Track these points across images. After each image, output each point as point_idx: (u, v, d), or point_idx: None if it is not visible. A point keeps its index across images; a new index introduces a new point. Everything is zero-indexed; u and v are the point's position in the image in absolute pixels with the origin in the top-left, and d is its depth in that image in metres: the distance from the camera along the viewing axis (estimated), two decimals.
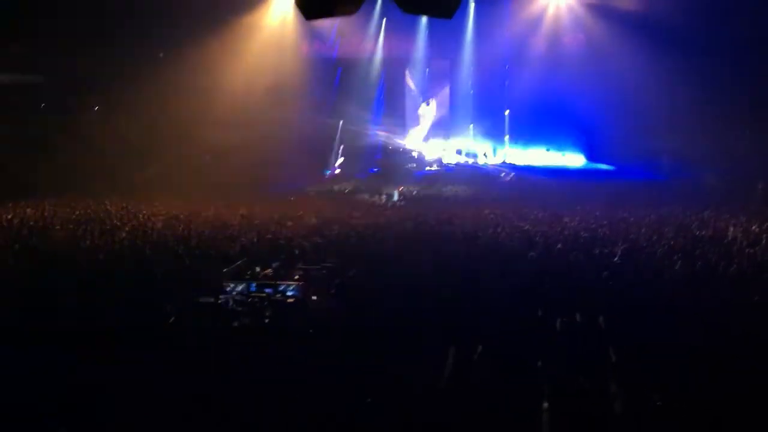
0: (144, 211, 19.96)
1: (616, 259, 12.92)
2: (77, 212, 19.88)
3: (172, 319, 9.19)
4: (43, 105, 29.09)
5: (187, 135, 28.54)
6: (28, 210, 20.12)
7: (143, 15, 27.35)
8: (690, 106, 24.10)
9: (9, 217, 18.44)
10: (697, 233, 15.75)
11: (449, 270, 11.88)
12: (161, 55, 29.42)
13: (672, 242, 14.45)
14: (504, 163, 33.48)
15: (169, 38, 28.49)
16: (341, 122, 34.64)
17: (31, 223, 17.51)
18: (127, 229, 16.46)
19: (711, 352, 7.61)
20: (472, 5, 32.25)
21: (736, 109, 24.13)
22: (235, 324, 9.42)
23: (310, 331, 8.98)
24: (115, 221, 17.92)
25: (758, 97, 24.03)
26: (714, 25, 24.72)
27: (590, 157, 32.86)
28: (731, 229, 16.16)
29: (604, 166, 31.64)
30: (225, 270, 11.44)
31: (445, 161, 34.45)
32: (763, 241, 14.76)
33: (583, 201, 21.61)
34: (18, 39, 26.71)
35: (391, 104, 35.81)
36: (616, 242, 14.44)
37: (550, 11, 31.87)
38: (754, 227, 16.51)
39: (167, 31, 28.38)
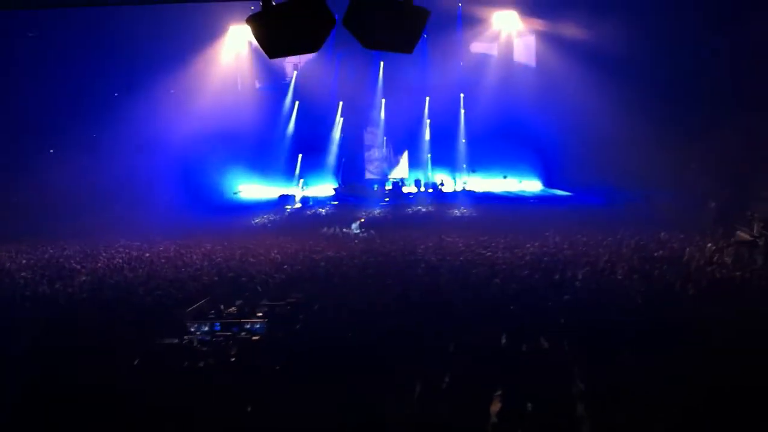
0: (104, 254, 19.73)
1: (576, 283, 13.12)
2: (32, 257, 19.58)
3: (137, 361, 9.06)
4: None
5: None
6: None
7: (100, 52, 27.46)
8: (642, 130, 24.63)
9: None
10: (655, 254, 16.07)
11: (413, 300, 11.93)
12: (116, 94, 29.50)
13: (630, 264, 14.73)
14: (463, 190, 33.75)
15: (124, 76, 28.60)
16: (300, 156, 34.80)
17: None
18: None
19: (673, 370, 7.75)
20: (425, 36, 32.71)
21: (687, 132, 24.73)
22: (201, 364, 9.31)
23: (277, 367, 8.91)
24: (74, 264, 17.67)
25: (708, 120, 24.73)
26: (664, 54, 25.47)
27: (547, 183, 33.38)
28: (687, 248, 16.52)
29: (560, 192, 32.15)
30: (188, 310, 11.34)
31: (404, 191, 34.61)
32: (717, 258, 15.17)
33: (542, 226, 21.85)
34: None
35: (349, 137, 36.00)
36: (577, 265, 14.66)
37: (502, 39, 32.52)
38: (709, 245, 16.92)
39: (122, 69, 28.51)
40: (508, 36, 32.46)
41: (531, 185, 33.72)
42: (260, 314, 11.31)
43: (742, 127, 24.70)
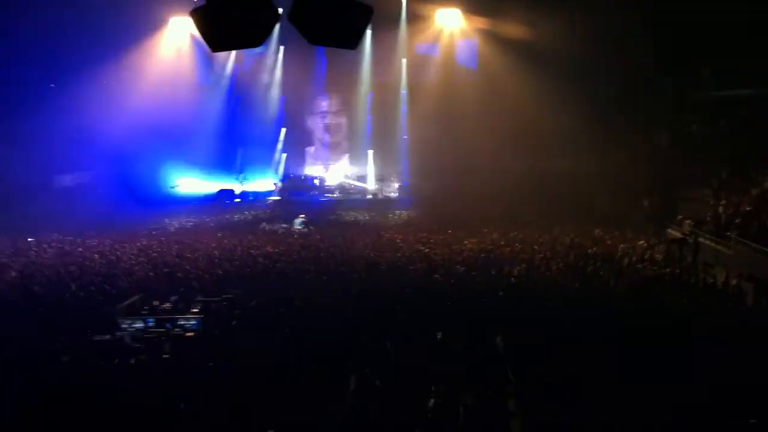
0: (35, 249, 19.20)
1: (512, 279, 13.31)
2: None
3: (66, 358, 8.85)
4: None
5: None
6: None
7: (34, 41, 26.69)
8: (578, 127, 25.05)
9: None
10: (589, 251, 16.41)
11: (352, 295, 11.94)
12: (52, 85, 28.76)
13: (566, 260, 15.02)
14: (403, 187, 33.81)
15: (65, 66, 27.89)
16: (240, 150, 34.43)
17: None
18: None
19: (607, 365, 7.94)
20: (368, 33, 32.63)
21: (621, 129, 25.26)
22: (132, 361, 9.14)
23: (210, 364, 8.81)
24: (2, 259, 17.13)
25: (642, 121, 25.35)
26: (601, 54, 25.98)
27: None
28: (621, 246, 16.92)
29: None
30: (120, 306, 11.10)
31: (347, 187, 34.54)
32: (648, 256, 15.58)
33: (482, 223, 22.08)
34: None
35: (291, 132, 35.74)
36: (513, 262, 14.86)
37: (445, 37, 32.70)
38: (641, 242, 17.36)
39: (61, 60, 27.79)
40: (451, 33, 32.63)
41: None
42: (195, 310, 11.16)
43: (675, 129, 25.46)
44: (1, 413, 7.01)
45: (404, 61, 33.73)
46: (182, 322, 10.46)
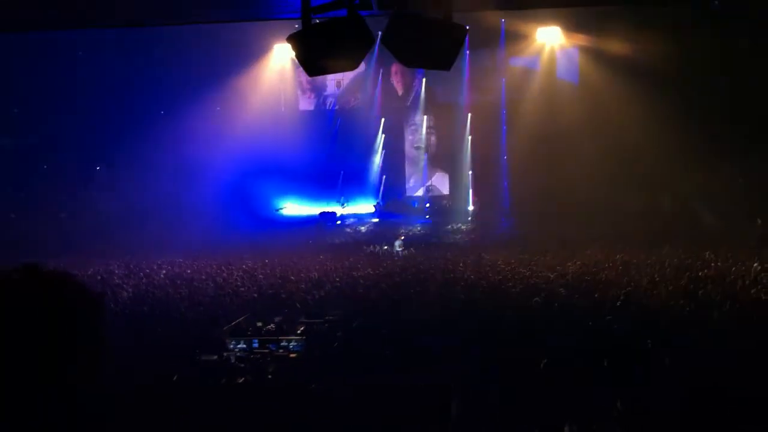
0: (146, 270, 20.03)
1: (618, 302, 12.89)
2: None
3: (175, 377, 9.13)
4: None
5: None
6: None
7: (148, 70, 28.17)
8: (686, 148, 24.28)
9: None
10: (700, 273, 15.74)
11: (453, 318, 11.85)
12: (162, 112, 30.15)
13: (675, 283, 14.45)
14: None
15: (171, 96, 29.24)
16: (341, 173, 34.96)
17: None
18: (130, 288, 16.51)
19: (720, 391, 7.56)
20: (466, 53, 32.65)
21: (733, 149, 24.32)
22: (239, 381, 9.36)
23: (313, 386, 8.90)
24: (116, 280, 17.97)
25: (754, 137, 24.30)
26: (708, 71, 25.16)
27: None
28: (733, 268, 16.15)
29: None
30: (226, 327, 11.42)
31: (446, 208, 34.47)
32: (764, 279, 14.78)
33: (584, 244, 21.58)
34: None
35: (390, 154, 36.04)
36: (620, 285, 14.42)
37: (545, 55, 32.30)
38: (755, 265, 16.51)
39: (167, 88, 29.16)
40: (551, 51, 32.18)
41: None
42: (299, 332, 11.34)
43: None
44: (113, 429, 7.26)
45: (503, 80, 33.48)
46: (285, 343, 10.64)
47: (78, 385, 2.07)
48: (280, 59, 33.42)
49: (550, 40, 32.02)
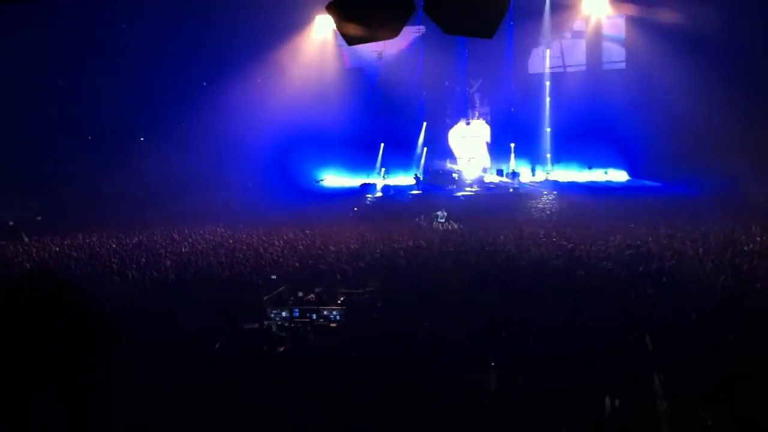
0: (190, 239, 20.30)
1: (663, 276, 12.70)
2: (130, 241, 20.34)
3: (218, 345, 9.27)
4: None
5: None
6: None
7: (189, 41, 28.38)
8: (735, 121, 23.69)
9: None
10: (745, 248, 15.41)
11: (494, 291, 11.79)
12: (204, 83, 30.39)
13: (720, 257, 14.16)
14: (546, 181, 33.10)
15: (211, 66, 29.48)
16: (382, 144, 34.89)
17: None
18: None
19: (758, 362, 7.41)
20: (510, 24, 32.19)
21: None
22: (280, 349, 9.47)
23: (354, 355, 8.97)
24: (159, 249, 18.25)
25: None
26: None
27: (633, 174, 32.27)
28: None
29: (648, 182, 31.04)
30: (267, 296, 11.54)
31: (486, 181, 34.23)
32: None
33: (627, 218, 21.26)
34: None
35: (431, 125, 35.85)
36: (663, 258, 14.21)
37: (591, 26, 31.68)
38: None
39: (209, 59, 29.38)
40: (598, 21, 31.53)
41: (617, 176, 32.70)
42: (339, 302, 11.41)
43: None
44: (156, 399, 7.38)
45: (548, 51, 32.97)
46: (326, 313, 10.72)
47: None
48: (322, 30, 33.37)
49: (596, 10, 31.35)
